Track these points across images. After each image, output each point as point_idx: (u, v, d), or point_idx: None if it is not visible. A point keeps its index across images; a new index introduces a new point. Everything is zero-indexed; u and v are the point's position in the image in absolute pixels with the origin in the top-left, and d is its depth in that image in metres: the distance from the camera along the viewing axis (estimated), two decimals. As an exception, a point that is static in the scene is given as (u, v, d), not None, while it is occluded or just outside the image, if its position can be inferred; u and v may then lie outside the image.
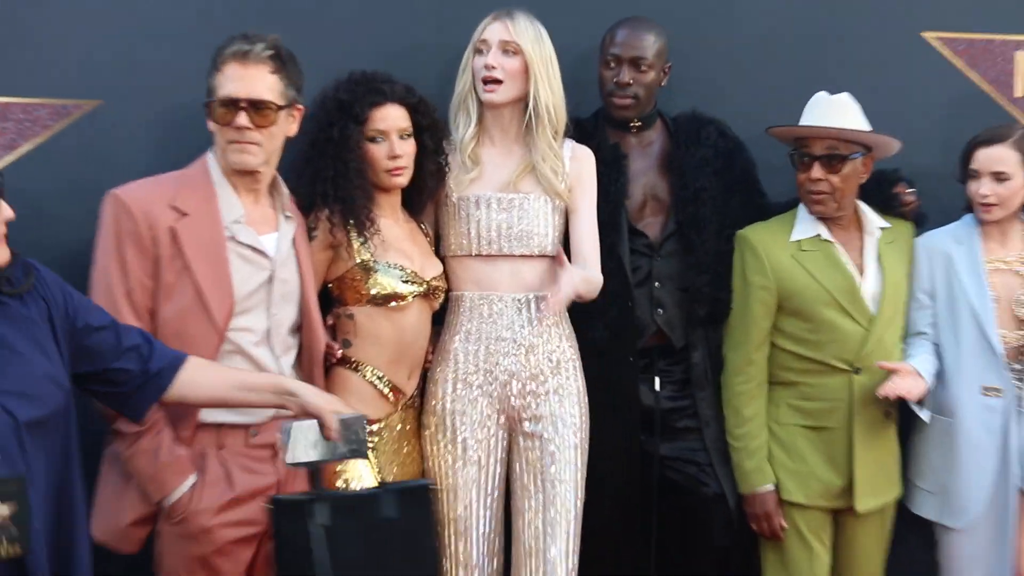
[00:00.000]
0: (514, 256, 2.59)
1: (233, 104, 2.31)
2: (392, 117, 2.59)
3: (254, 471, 2.38)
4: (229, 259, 2.36)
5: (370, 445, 2.62)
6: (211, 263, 2.34)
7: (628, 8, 2.86)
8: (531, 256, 2.60)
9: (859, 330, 2.81)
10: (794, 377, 2.85)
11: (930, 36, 3.34)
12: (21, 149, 2.75)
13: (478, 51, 2.62)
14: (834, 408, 2.82)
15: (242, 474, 2.35)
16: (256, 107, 2.32)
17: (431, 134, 2.67)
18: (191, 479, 2.27)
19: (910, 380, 2.79)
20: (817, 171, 2.75)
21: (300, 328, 2.53)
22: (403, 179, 2.61)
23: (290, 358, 2.48)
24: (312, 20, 2.91)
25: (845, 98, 2.83)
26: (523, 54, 2.58)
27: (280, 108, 2.36)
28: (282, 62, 2.38)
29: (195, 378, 2.15)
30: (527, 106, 2.61)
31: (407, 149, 2.60)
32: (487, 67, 2.58)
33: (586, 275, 2.58)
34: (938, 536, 3.00)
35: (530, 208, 2.62)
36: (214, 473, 2.32)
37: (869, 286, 2.85)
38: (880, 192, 2.93)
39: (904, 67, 3.28)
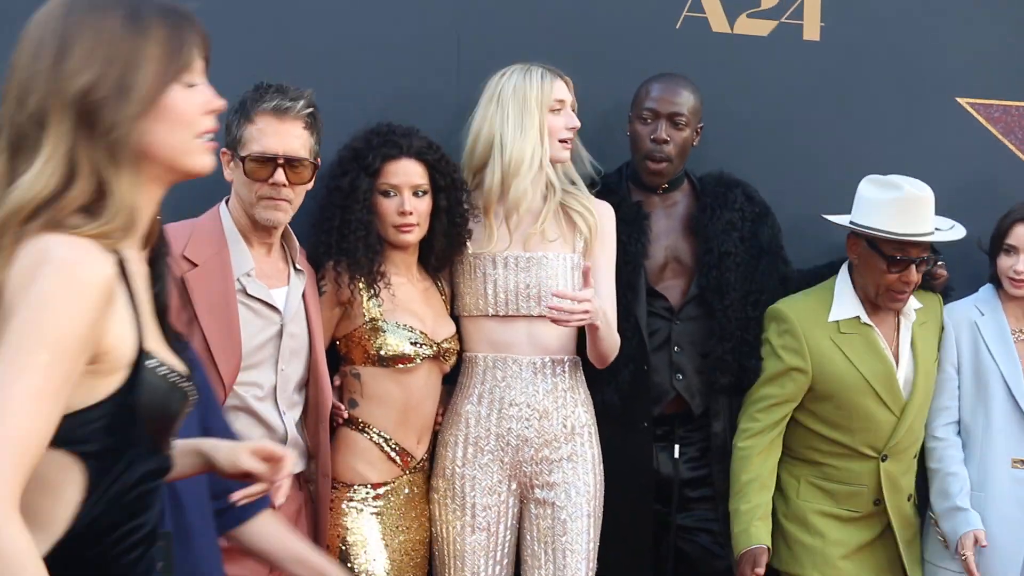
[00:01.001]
0: (532, 317, 2.55)
1: (270, 161, 2.31)
2: (406, 172, 2.57)
3: None
4: (238, 313, 2.35)
5: (375, 510, 2.59)
6: (220, 317, 2.33)
7: (655, 69, 2.88)
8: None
9: (892, 418, 2.79)
10: (819, 458, 2.81)
11: (965, 102, 3.34)
12: None
13: (554, 111, 2.63)
14: (857, 493, 2.79)
15: None
16: (292, 164, 2.32)
17: (447, 194, 2.63)
18: None
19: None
20: (912, 276, 2.69)
21: (307, 384, 2.49)
22: (412, 237, 2.58)
23: (295, 414, 2.45)
24: (331, 69, 2.90)
25: (929, 196, 2.76)
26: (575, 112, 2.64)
27: (314, 165, 2.37)
28: (315, 119, 2.39)
29: None
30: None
31: (420, 206, 2.57)
32: (568, 128, 2.61)
33: (609, 319, 2.52)
34: None
35: (549, 266, 2.58)
36: None
37: (903, 372, 2.82)
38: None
39: (939, 132, 3.28)
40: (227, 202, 2.43)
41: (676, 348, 2.74)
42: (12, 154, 1.27)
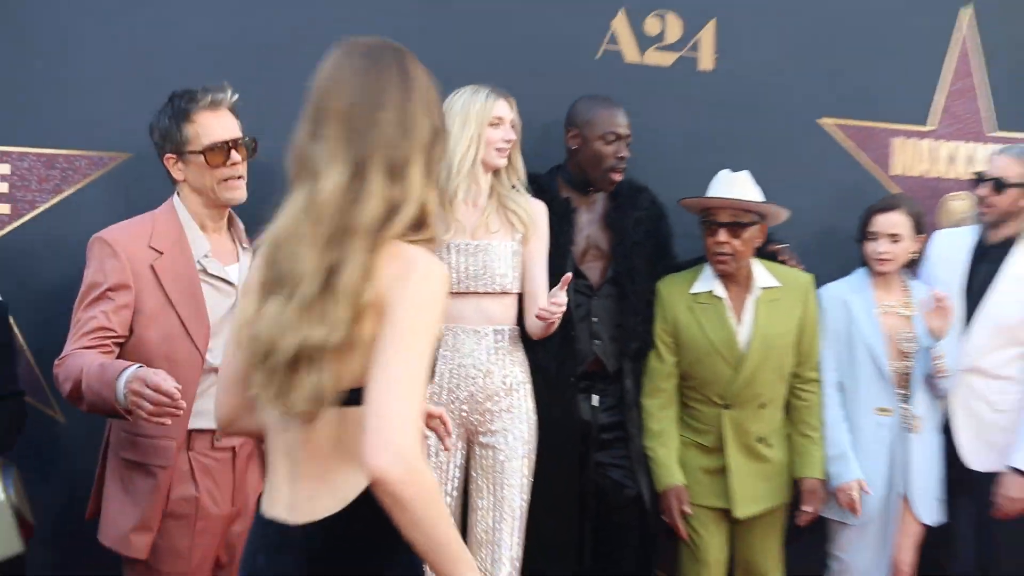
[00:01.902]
0: (479, 293, 2.75)
1: (223, 146, 2.40)
2: None
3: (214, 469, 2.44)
4: (203, 291, 2.43)
5: None
6: (188, 297, 2.41)
7: (580, 92, 3.10)
8: (493, 293, 2.76)
9: (732, 374, 3.02)
10: (687, 402, 3.09)
11: (826, 122, 3.66)
12: (64, 193, 2.92)
13: (493, 125, 2.79)
14: (708, 431, 3.05)
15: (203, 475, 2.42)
16: (239, 145, 2.43)
17: None
18: (133, 365, 2.17)
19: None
20: (722, 236, 2.95)
21: None
22: None
23: None
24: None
25: (744, 175, 3.04)
26: (516, 128, 2.82)
27: (254, 141, 2.47)
28: (235, 105, 2.49)
29: None
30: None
31: None
32: (505, 140, 2.80)
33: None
34: (832, 532, 3.23)
35: (493, 252, 2.76)
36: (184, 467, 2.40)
37: (743, 338, 3.03)
38: (770, 258, 3.15)
39: (805, 147, 3.59)
40: (178, 195, 2.49)
41: (595, 319, 2.97)
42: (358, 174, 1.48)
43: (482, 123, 2.77)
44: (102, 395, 2.14)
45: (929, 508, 3.18)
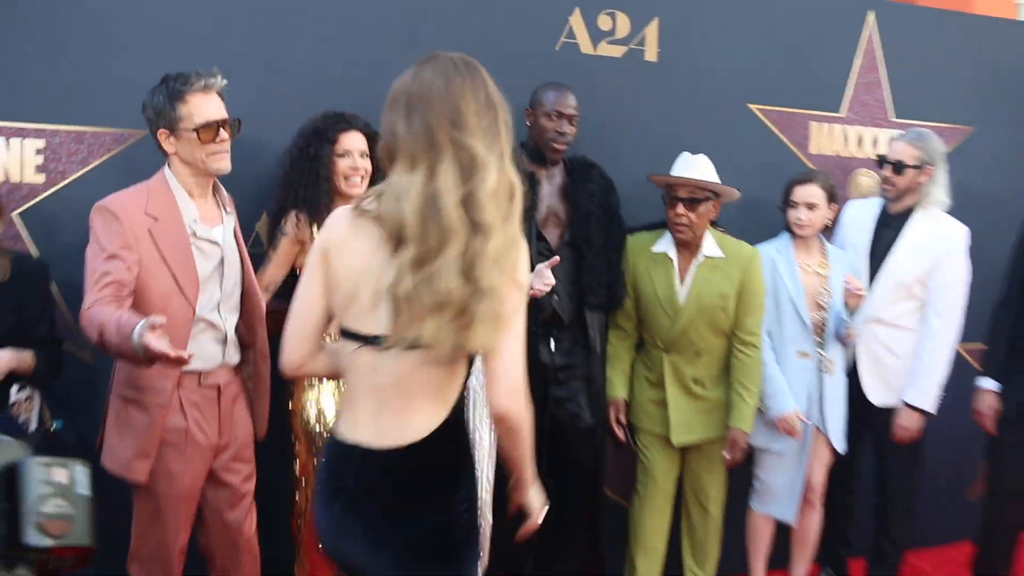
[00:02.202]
0: None
1: (214, 124, 2.50)
2: (355, 140, 2.87)
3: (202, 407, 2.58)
4: (193, 252, 2.54)
5: (331, 390, 2.81)
6: (181, 257, 2.50)
7: (543, 79, 3.21)
8: None
9: (670, 324, 3.23)
10: (644, 344, 3.34)
11: (754, 107, 3.88)
12: (91, 165, 3.00)
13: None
14: (654, 370, 3.29)
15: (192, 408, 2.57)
16: (226, 124, 2.54)
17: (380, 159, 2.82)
18: (140, 323, 2.22)
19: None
20: (680, 209, 3.14)
21: (243, 296, 2.70)
22: (360, 188, 2.85)
23: (235, 318, 2.69)
24: (314, 67, 3.16)
25: (703, 158, 3.23)
26: None
27: (237, 121, 2.57)
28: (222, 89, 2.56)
29: None
30: None
31: (365, 165, 2.87)
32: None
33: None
34: (757, 457, 3.50)
35: None
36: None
37: (683, 295, 3.22)
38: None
39: (736, 129, 3.79)
40: (168, 167, 2.56)
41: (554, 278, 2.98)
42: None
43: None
44: (121, 348, 2.27)
45: (840, 438, 3.45)
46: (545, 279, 2.82)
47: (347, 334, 1.87)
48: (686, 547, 3.53)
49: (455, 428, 1.87)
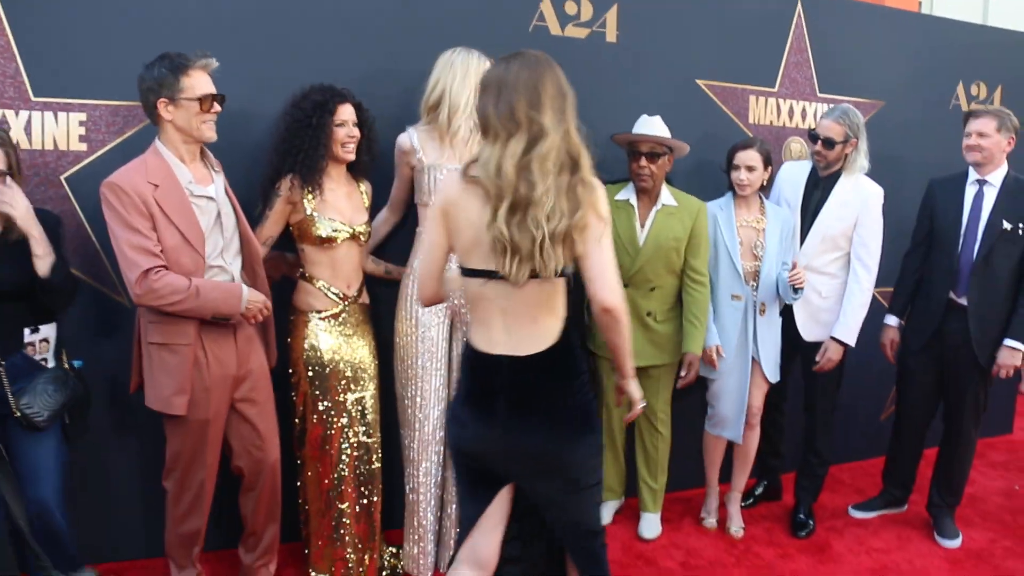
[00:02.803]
0: None
1: (209, 97, 2.66)
2: (349, 111, 3.01)
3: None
4: (193, 210, 2.69)
5: (326, 328, 3.01)
6: (185, 216, 2.65)
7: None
8: None
9: (630, 261, 3.45)
10: None
11: (700, 83, 4.05)
12: (126, 135, 3.15)
13: None
14: None
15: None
16: (217, 97, 2.71)
17: (367, 127, 3.05)
18: (246, 289, 2.66)
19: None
20: (643, 162, 3.37)
21: (242, 244, 2.86)
22: (352, 155, 3.02)
23: (239, 262, 2.85)
24: (306, 47, 3.28)
25: (658, 119, 3.46)
26: None
27: (222, 96, 2.71)
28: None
29: None
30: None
31: (357, 134, 3.02)
32: None
33: None
34: (708, 386, 3.80)
35: None
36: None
37: (641, 237, 3.43)
38: None
39: (685, 103, 3.94)
40: (158, 140, 2.70)
41: None
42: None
43: (477, 76, 2.99)
44: (220, 308, 2.59)
45: (773, 370, 3.75)
46: None
47: (473, 272, 2.17)
48: (640, 462, 3.83)
49: (569, 334, 2.18)
